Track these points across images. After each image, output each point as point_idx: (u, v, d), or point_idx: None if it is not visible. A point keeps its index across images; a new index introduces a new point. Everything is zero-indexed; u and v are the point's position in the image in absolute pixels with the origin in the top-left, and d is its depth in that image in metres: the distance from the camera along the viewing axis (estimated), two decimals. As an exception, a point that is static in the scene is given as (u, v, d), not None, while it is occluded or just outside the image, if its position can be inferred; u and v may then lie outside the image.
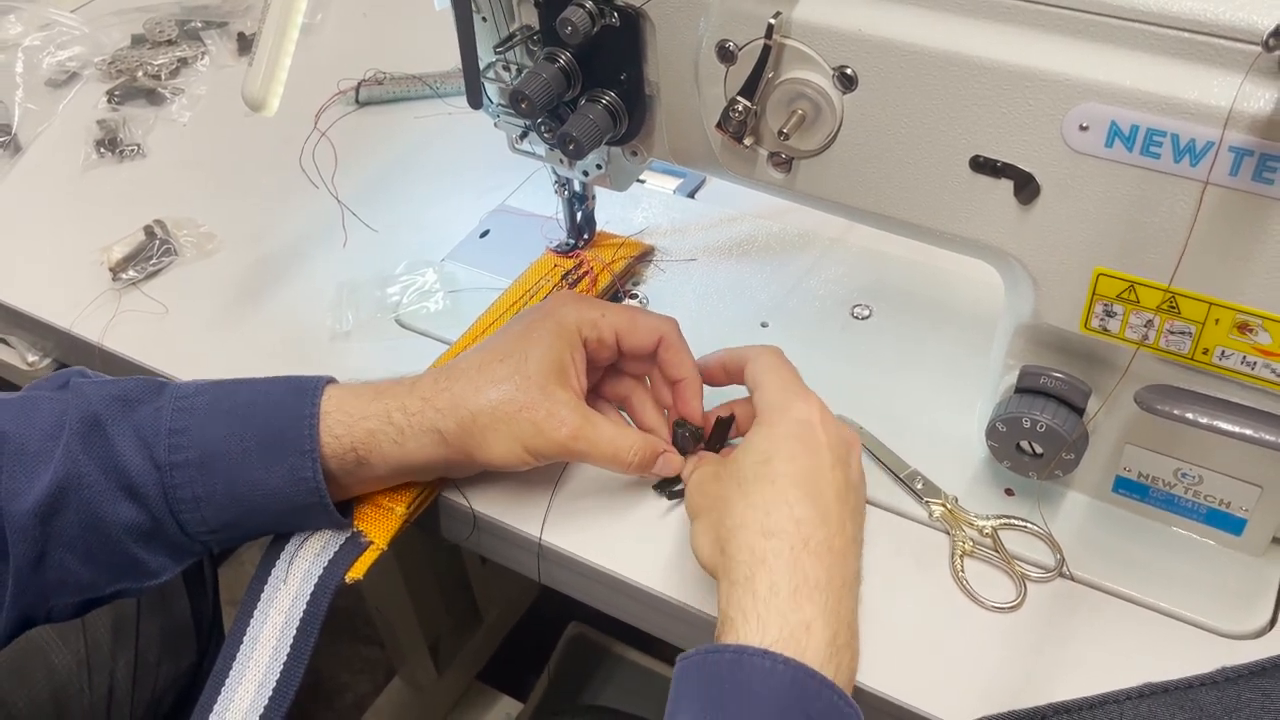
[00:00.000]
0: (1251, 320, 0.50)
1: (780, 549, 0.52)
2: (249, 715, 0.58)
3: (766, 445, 0.55)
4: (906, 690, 0.56)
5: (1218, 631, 0.58)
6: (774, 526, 0.53)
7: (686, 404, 0.65)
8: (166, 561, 0.61)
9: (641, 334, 0.64)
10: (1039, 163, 0.51)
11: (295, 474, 0.58)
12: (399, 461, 0.60)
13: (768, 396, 0.58)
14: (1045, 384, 0.60)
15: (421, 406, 0.60)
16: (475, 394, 0.60)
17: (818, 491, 0.54)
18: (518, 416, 0.59)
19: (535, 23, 0.63)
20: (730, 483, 0.55)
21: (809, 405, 0.57)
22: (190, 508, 0.58)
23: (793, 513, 0.53)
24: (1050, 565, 0.61)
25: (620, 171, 0.70)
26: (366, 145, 0.94)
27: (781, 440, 0.56)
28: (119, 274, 0.82)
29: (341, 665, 1.48)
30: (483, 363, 0.61)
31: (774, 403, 0.58)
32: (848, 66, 0.54)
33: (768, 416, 0.57)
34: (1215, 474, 0.59)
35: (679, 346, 0.65)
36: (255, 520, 0.60)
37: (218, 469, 0.58)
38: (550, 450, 0.60)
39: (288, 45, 0.68)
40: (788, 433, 0.56)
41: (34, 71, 1.05)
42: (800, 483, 0.54)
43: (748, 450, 0.56)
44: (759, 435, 0.56)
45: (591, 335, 0.63)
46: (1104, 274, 0.53)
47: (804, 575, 0.51)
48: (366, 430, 0.59)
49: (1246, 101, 0.45)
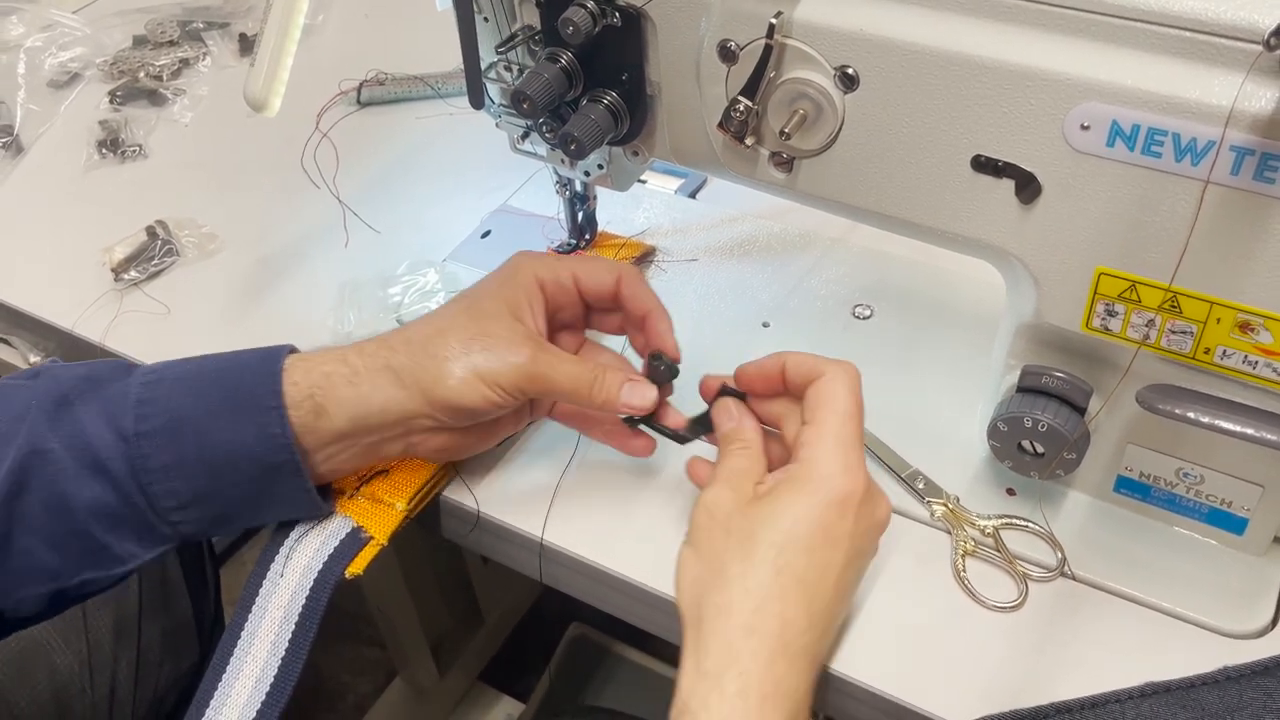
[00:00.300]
0: (1253, 319, 0.50)
1: (759, 651, 0.49)
2: (246, 710, 0.57)
3: (789, 523, 0.52)
4: (908, 689, 0.56)
5: (1219, 631, 0.58)
6: (759, 625, 0.50)
7: (659, 337, 0.62)
8: (134, 548, 0.58)
9: (600, 273, 0.63)
10: (1040, 162, 0.51)
11: (263, 430, 0.57)
12: (354, 406, 0.58)
13: (820, 452, 0.53)
14: (1047, 383, 0.60)
15: (376, 347, 0.59)
16: (428, 327, 0.59)
17: (818, 593, 0.51)
18: (471, 345, 0.58)
19: (537, 23, 0.63)
20: (735, 546, 0.52)
21: (854, 481, 0.53)
22: (159, 478, 0.56)
23: (783, 613, 0.50)
24: (1052, 565, 0.61)
25: (621, 172, 0.70)
26: (368, 146, 0.94)
27: (806, 524, 0.52)
28: (121, 274, 0.82)
29: (343, 666, 1.49)
30: (438, 310, 0.62)
31: (822, 464, 0.53)
32: (849, 66, 0.54)
33: (808, 479, 0.53)
34: (1217, 473, 0.59)
35: (639, 282, 0.63)
36: (226, 490, 0.58)
37: (186, 433, 0.56)
38: (508, 379, 0.58)
39: (289, 46, 0.68)
40: (817, 517, 0.52)
41: (36, 72, 1.05)
42: (804, 581, 0.51)
43: (771, 518, 0.52)
44: (789, 504, 0.52)
45: (548, 278, 0.62)
46: (1105, 273, 0.53)
47: (776, 683, 0.49)
48: (323, 374, 0.58)
49: (1247, 101, 0.45)
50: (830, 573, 0.52)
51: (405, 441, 0.61)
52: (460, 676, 1.39)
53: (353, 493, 0.64)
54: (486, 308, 0.60)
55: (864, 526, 0.54)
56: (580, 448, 0.68)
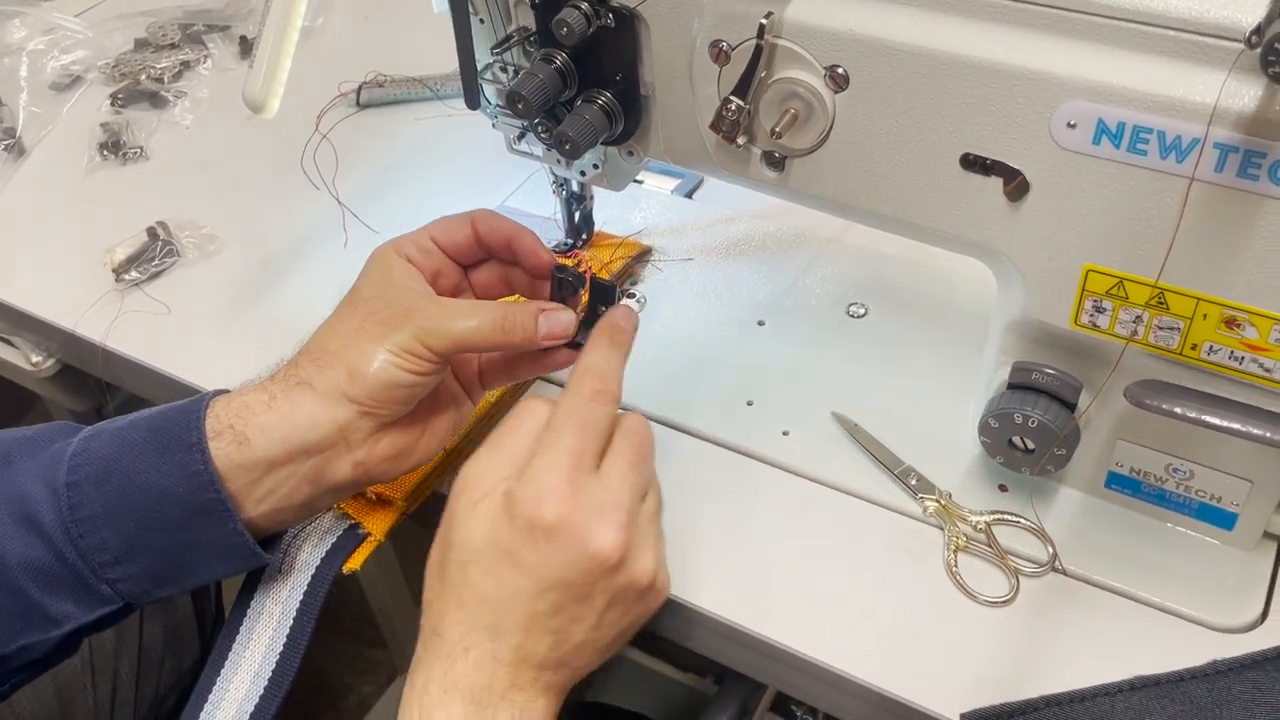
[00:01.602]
0: (1239, 315, 0.51)
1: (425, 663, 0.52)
2: (243, 705, 0.58)
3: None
4: (899, 683, 0.57)
5: (1209, 625, 0.58)
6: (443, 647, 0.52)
7: (535, 255, 0.61)
8: (70, 608, 0.56)
9: (453, 224, 0.61)
10: (1028, 160, 0.52)
11: (185, 469, 0.54)
12: (278, 430, 0.55)
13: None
14: (1037, 380, 0.60)
15: (286, 370, 0.58)
16: (320, 337, 0.58)
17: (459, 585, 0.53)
18: (365, 325, 0.56)
19: (531, 24, 0.63)
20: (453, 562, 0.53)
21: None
22: (89, 529, 0.54)
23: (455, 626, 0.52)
24: (1043, 560, 0.61)
25: (617, 171, 0.71)
26: (367, 147, 0.95)
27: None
28: (122, 275, 0.83)
29: (345, 666, 1.49)
30: (324, 321, 0.60)
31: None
32: (839, 66, 0.54)
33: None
34: (1206, 469, 0.59)
35: (493, 216, 0.61)
36: (157, 539, 0.55)
37: (113, 480, 0.54)
38: (412, 341, 0.55)
39: (288, 47, 0.68)
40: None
41: (38, 75, 1.05)
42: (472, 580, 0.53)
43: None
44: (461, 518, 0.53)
45: (410, 249, 0.60)
46: (1093, 270, 0.53)
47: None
48: (242, 403, 0.56)
49: (1230, 98, 0.46)
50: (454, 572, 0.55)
51: (350, 459, 0.57)
52: (461, 676, 1.39)
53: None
54: (366, 293, 0.59)
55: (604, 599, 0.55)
56: (576, 445, 0.69)
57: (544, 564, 0.51)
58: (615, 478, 0.53)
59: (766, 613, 0.60)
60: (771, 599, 0.61)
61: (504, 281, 0.64)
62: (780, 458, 0.68)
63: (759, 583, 0.62)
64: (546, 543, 0.51)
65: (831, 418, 0.70)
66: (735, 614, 0.60)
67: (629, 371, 0.73)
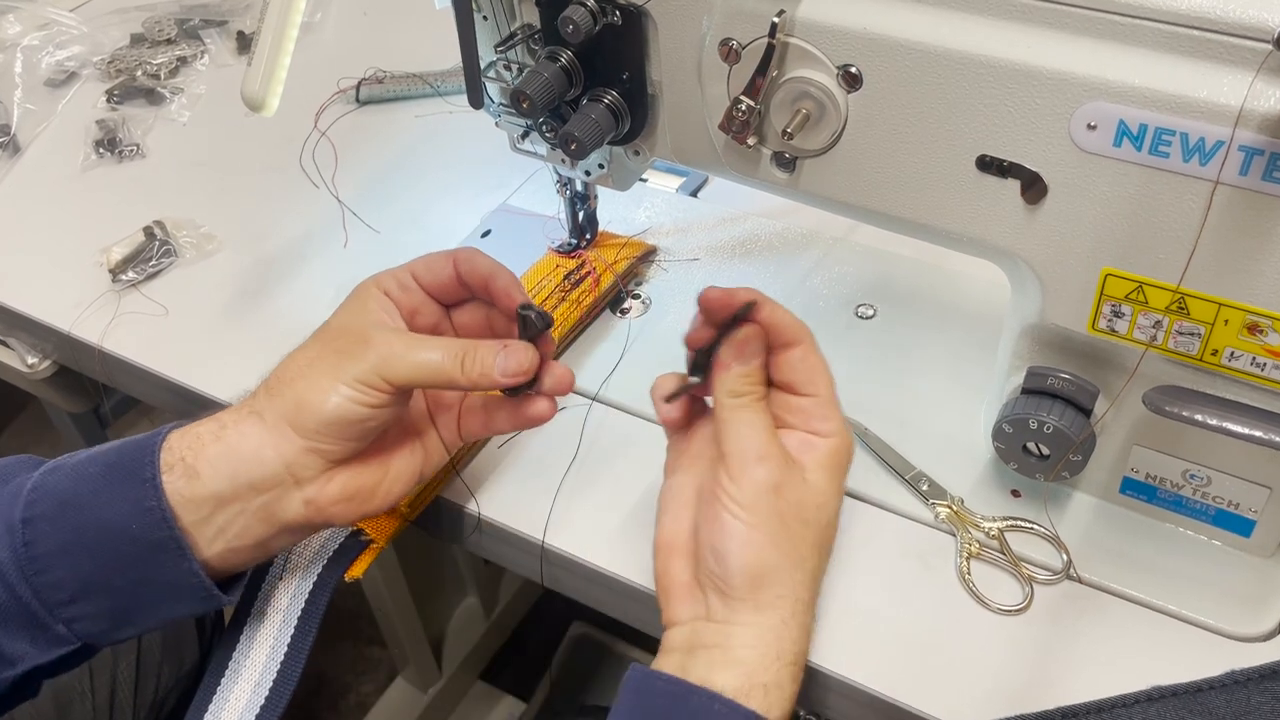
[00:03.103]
0: (1261, 321, 0.50)
1: (809, 637, 0.53)
2: (245, 714, 0.57)
3: (838, 500, 0.55)
4: (911, 693, 0.56)
5: (1226, 634, 0.58)
6: (815, 608, 0.54)
7: (507, 296, 0.57)
8: (25, 647, 0.53)
9: (435, 262, 0.59)
10: (1046, 162, 0.51)
11: (139, 504, 0.52)
12: (225, 461, 0.53)
13: (839, 425, 0.55)
14: (1052, 385, 0.59)
15: (244, 400, 0.56)
16: (280, 365, 0.56)
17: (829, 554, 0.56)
18: (321, 354, 0.54)
19: (536, 21, 0.62)
20: (813, 539, 0.53)
21: (851, 446, 0.56)
22: (44, 566, 0.52)
23: (815, 583, 0.54)
24: (1057, 567, 0.60)
25: (622, 171, 0.70)
26: (367, 145, 0.94)
27: (838, 501, 0.55)
28: (119, 275, 0.82)
29: (345, 666, 1.48)
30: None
31: (845, 439, 0.55)
32: (852, 65, 0.53)
33: (840, 458, 0.55)
34: (1224, 475, 0.58)
35: (475, 254, 0.58)
36: (112, 577, 0.53)
37: (68, 515, 0.53)
38: (363, 370, 0.53)
39: (287, 44, 0.67)
40: (840, 490, 0.55)
41: (33, 71, 1.04)
42: (829, 547, 0.55)
43: (829, 505, 0.54)
44: (836, 487, 0.55)
45: (390, 284, 0.58)
46: (1112, 274, 0.52)
47: (802, 649, 0.53)
48: (194, 435, 0.54)
49: (1257, 100, 0.44)
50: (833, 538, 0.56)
51: (299, 496, 0.55)
52: (462, 676, 1.39)
53: (352, 496, 0.63)
54: (334, 324, 0.57)
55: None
56: (581, 451, 0.68)
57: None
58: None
59: (776, 621, 0.59)
60: (781, 607, 0.60)
61: (486, 323, 0.61)
62: (789, 462, 0.67)
63: (768, 591, 0.61)
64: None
65: (841, 421, 0.69)
66: (745, 623, 0.59)
67: (633, 377, 0.72)
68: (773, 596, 0.51)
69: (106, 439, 1.10)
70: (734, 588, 0.51)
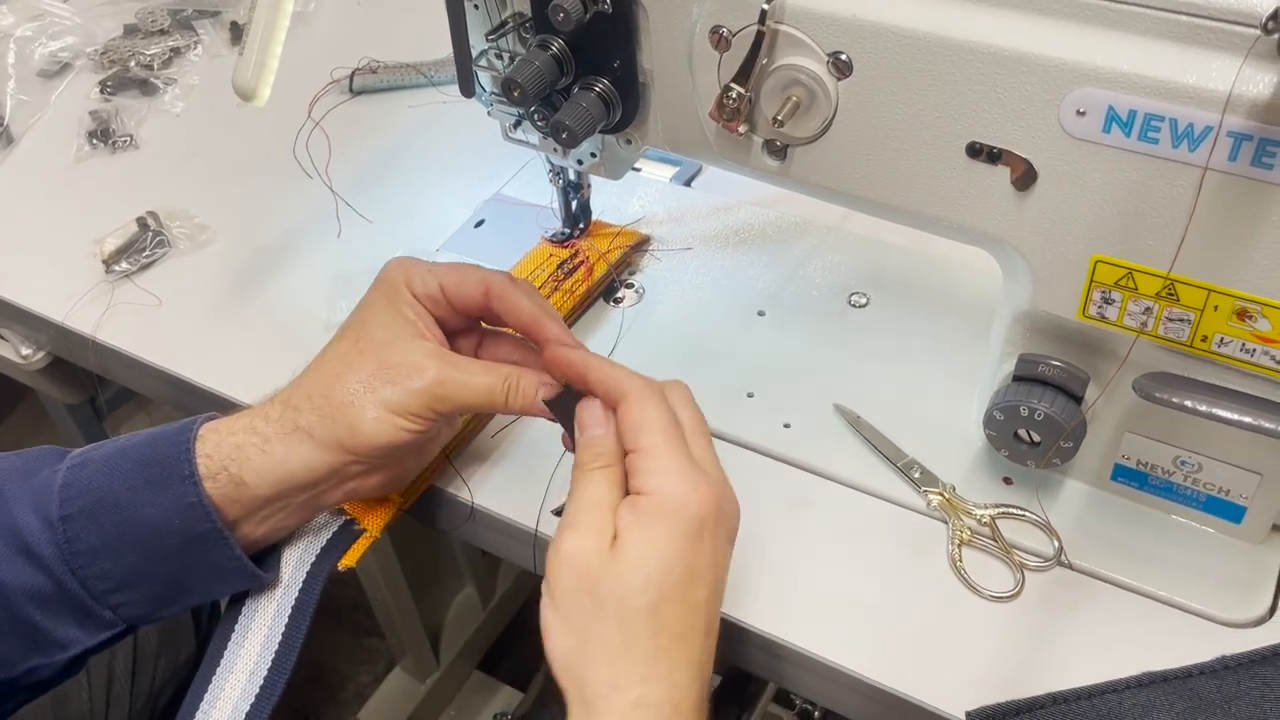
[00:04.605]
0: (1250, 307, 0.50)
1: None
2: (240, 703, 0.57)
3: (658, 575, 0.48)
4: (902, 680, 0.56)
5: (1217, 620, 0.58)
6: (649, 696, 0.47)
7: (552, 349, 0.57)
8: (75, 632, 0.57)
9: (468, 285, 0.59)
10: (1036, 149, 0.51)
11: (180, 501, 0.55)
12: (272, 473, 0.56)
13: (662, 480, 0.49)
14: (1043, 372, 0.59)
15: (281, 410, 0.57)
16: (326, 378, 0.57)
17: (695, 638, 0.49)
18: (372, 382, 0.56)
19: (527, 9, 0.62)
20: (608, 614, 0.48)
21: (705, 501, 0.49)
22: (87, 560, 0.55)
23: (671, 675, 0.48)
24: (1049, 554, 0.61)
25: (614, 160, 0.70)
26: (360, 135, 0.94)
27: (672, 571, 0.48)
28: (112, 266, 0.82)
29: (343, 657, 1.49)
30: (329, 349, 0.59)
31: (669, 493, 0.49)
32: (842, 52, 0.53)
33: (661, 515, 0.49)
34: (1215, 461, 0.58)
35: (511, 292, 0.58)
36: (157, 567, 0.56)
37: (107, 514, 0.55)
38: (418, 404, 0.55)
39: (279, 34, 0.67)
40: (680, 556, 0.48)
41: (26, 62, 1.04)
42: (682, 635, 0.48)
43: (637, 574, 0.48)
44: (652, 552, 0.48)
45: (421, 290, 0.59)
46: (1102, 261, 0.52)
47: None
48: (234, 445, 0.56)
49: (1245, 85, 0.44)
50: (700, 611, 0.49)
51: (342, 490, 0.59)
52: (460, 666, 1.39)
53: (346, 485, 0.63)
54: (374, 333, 0.58)
55: (722, 545, 0.51)
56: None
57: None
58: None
59: (767, 608, 0.59)
60: (772, 594, 0.60)
61: (513, 347, 0.62)
62: (781, 450, 0.67)
63: (759, 577, 0.61)
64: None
65: (833, 409, 0.69)
66: (736, 609, 0.59)
67: (626, 366, 0.72)
68: (576, 680, 0.48)
69: (104, 431, 1.11)
70: (555, 675, 0.49)
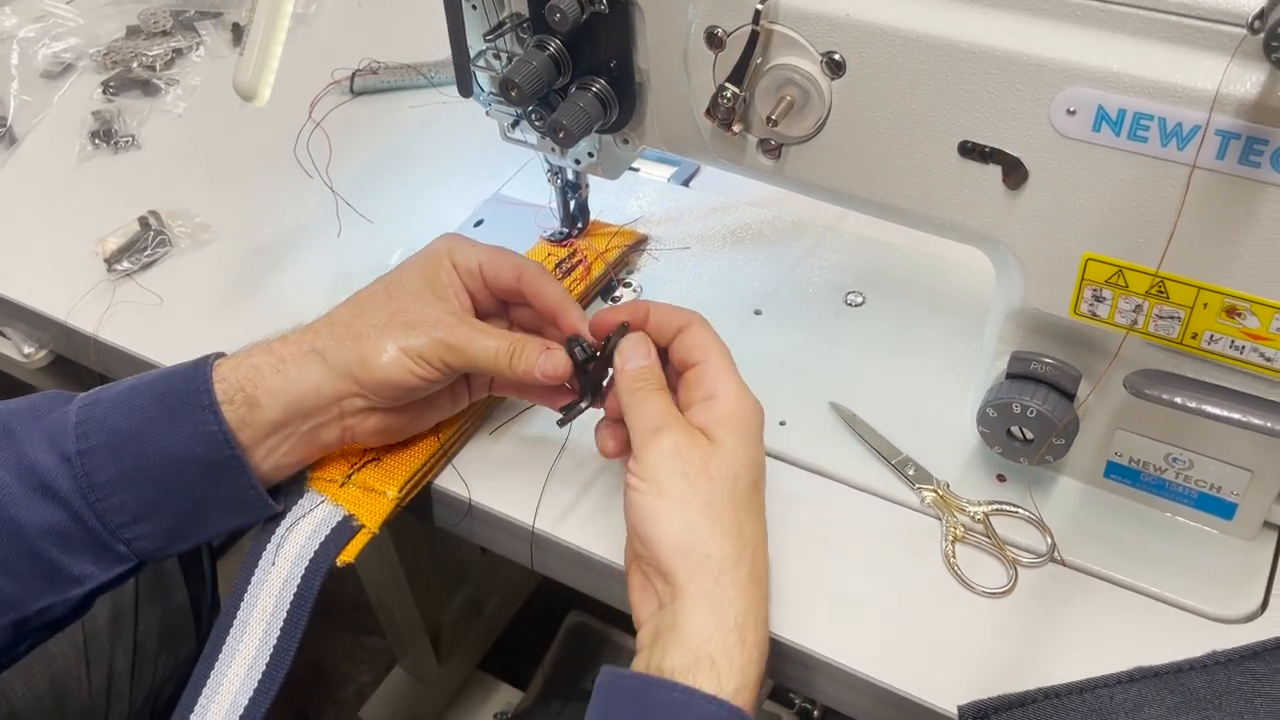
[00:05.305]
0: (1239, 304, 0.50)
1: (760, 598, 0.53)
2: (238, 698, 0.58)
3: (750, 463, 0.55)
4: (896, 675, 0.57)
5: (1208, 616, 0.58)
6: (759, 572, 0.53)
7: (572, 326, 0.62)
8: (90, 568, 0.59)
9: (504, 266, 0.63)
10: (1027, 147, 0.51)
11: (200, 429, 0.57)
12: (286, 393, 0.59)
13: (733, 387, 0.56)
14: (1036, 369, 0.60)
15: (301, 334, 0.61)
16: (351, 311, 0.61)
17: (764, 523, 0.56)
18: (392, 321, 0.60)
19: (525, 10, 0.62)
20: (722, 493, 0.53)
21: (760, 408, 0.57)
22: (106, 493, 0.57)
23: (765, 556, 0.54)
24: (1042, 550, 0.61)
25: (612, 159, 0.70)
26: (361, 135, 0.94)
27: (756, 461, 0.56)
28: (114, 265, 0.82)
29: (343, 655, 1.49)
30: (360, 291, 0.63)
31: (741, 400, 0.56)
32: (835, 52, 0.54)
33: (740, 416, 0.56)
34: (1206, 458, 0.59)
35: (542, 279, 0.63)
36: (174, 498, 0.58)
37: (126, 446, 0.57)
38: (430, 351, 0.59)
39: (279, 34, 0.67)
40: (756, 452, 0.56)
41: (29, 63, 1.05)
42: (762, 518, 0.55)
43: (737, 460, 0.54)
44: (741, 444, 0.55)
45: (460, 263, 0.63)
46: (1093, 259, 0.53)
47: (763, 631, 0.52)
48: (250, 366, 0.59)
49: (1232, 84, 0.45)
50: (759, 492, 0.56)
51: (340, 425, 0.61)
52: (459, 665, 1.40)
53: (344, 481, 0.64)
54: (406, 284, 0.62)
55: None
56: (570, 438, 0.68)
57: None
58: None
59: (763, 604, 0.60)
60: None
61: (539, 324, 0.65)
62: (777, 448, 0.68)
63: (756, 574, 0.61)
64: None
65: (829, 407, 0.69)
66: (732, 606, 0.60)
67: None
68: (699, 558, 0.52)
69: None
70: (662, 561, 0.52)
